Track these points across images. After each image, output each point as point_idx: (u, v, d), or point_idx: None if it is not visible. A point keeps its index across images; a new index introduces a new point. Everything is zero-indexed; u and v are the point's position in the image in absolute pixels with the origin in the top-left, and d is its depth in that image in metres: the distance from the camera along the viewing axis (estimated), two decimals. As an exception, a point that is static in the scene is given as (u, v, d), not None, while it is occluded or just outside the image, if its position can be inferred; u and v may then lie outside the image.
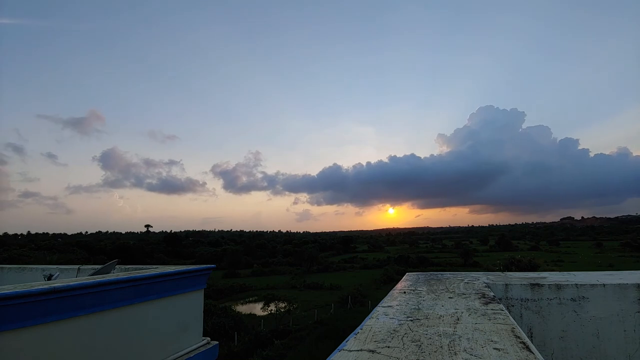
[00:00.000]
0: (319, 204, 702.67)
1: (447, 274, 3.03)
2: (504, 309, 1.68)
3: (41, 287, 2.66)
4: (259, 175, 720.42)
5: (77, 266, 5.48)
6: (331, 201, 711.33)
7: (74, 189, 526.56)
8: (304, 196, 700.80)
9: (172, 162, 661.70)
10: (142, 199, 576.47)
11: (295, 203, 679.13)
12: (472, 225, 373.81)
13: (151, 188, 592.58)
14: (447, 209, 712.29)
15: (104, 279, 3.26)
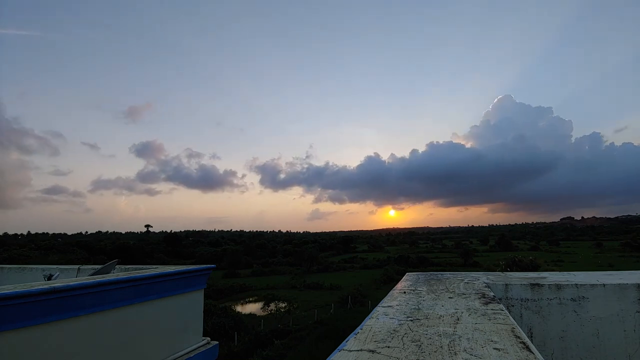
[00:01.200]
0: (341, 202, 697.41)
1: (447, 274, 3.02)
2: (504, 309, 1.67)
3: (41, 287, 2.65)
4: (305, 167, 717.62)
5: (77, 266, 5.48)
6: (355, 199, 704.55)
7: (103, 184, 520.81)
8: (329, 193, 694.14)
9: (214, 156, 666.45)
10: (172, 192, 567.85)
11: (317, 201, 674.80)
12: (472, 225, 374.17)
13: (185, 182, 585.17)
14: (470, 207, 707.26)
15: (104, 279, 3.26)
